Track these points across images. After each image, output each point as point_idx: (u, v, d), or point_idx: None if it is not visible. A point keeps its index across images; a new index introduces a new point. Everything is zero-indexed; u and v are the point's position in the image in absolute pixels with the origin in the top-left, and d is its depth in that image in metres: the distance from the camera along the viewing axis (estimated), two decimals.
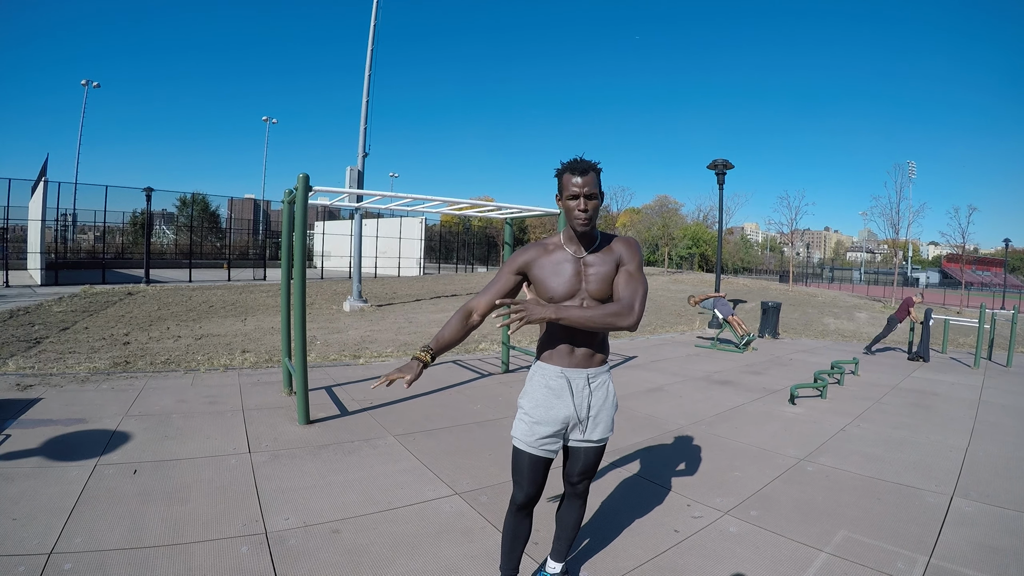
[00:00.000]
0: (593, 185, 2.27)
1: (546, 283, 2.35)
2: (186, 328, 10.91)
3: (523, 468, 2.39)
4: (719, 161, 15.07)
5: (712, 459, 4.74)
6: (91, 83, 38.26)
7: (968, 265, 51.60)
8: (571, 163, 2.30)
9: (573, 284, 2.34)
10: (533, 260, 2.39)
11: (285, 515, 3.43)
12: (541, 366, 2.44)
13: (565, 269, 2.35)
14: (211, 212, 40.13)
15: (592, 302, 2.33)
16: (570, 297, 2.33)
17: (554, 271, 2.35)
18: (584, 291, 2.34)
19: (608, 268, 2.35)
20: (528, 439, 2.36)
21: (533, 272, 2.39)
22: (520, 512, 2.45)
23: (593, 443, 2.46)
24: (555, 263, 2.37)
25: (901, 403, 6.98)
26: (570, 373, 2.38)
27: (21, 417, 4.95)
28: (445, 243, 46.62)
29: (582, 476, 2.54)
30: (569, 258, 2.37)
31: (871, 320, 19.46)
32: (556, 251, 2.39)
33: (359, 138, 16.18)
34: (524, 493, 2.40)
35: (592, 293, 2.33)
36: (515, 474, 2.42)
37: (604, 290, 2.34)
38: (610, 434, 2.50)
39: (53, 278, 18.64)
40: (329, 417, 5.46)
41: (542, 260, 2.38)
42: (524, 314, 2.10)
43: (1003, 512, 3.80)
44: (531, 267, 2.39)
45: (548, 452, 2.39)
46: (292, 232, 5.90)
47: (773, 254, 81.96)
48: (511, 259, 2.44)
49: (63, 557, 2.81)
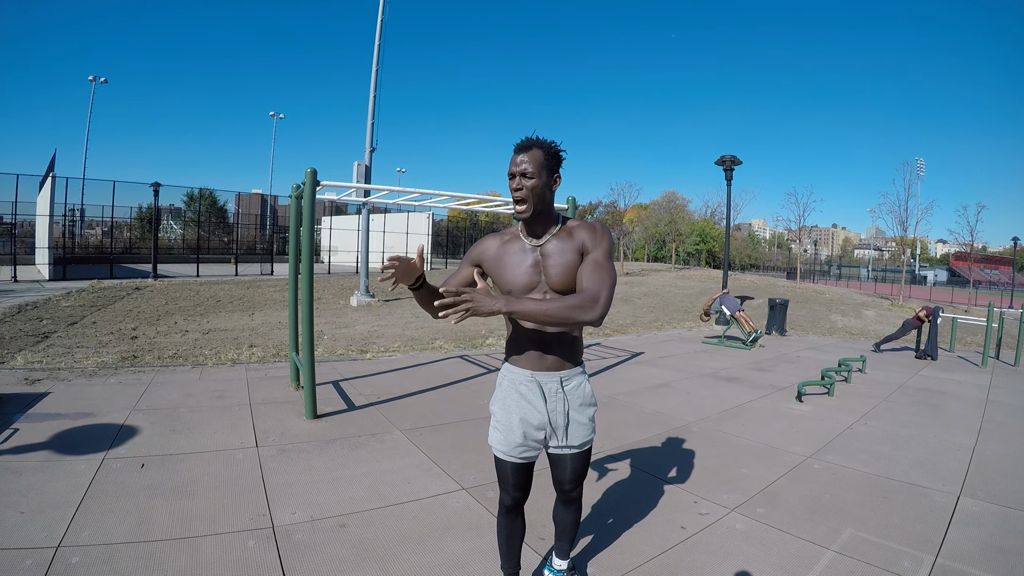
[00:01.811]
0: (533, 164, 2.08)
1: (502, 275, 2.19)
2: (193, 323, 10.96)
3: (506, 475, 2.32)
4: (727, 157, 15.00)
5: (719, 456, 4.73)
6: (98, 79, 38.48)
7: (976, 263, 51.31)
8: (518, 142, 2.15)
9: (531, 276, 2.16)
10: (487, 251, 2.24)
11: (292, 509, 3.44)
12: (510, 369, 2.30)
13: (522, 260, 2.18)
14: (218, 207, 40.29)
15: (554, 295, 2.14)
16: (529, 290, 2.16)
17: (510, 262, 2.19)
18: (544, 283, 2.16)
19: (570, 257, 2.14)
20: (505, 447, 2.27)
21: (488, 264, 2.24)
22: (510, 513, 2.40)
23: (575, 449, 2.35)
24: (511, 254, 2.20)
25: (909, 401, 6.95)
26: (541, 377, 2.25)
27: (29, 411, 4.98)
28: (452, 238, 46.61)
29: (571, 483, 2.43)
30: (526, 247, 2.20)
31: (879, 318, 19.37)
32: (513, 241, 2.23)
33: (366, 133, 16.21)
34: (511, 497, 2.35)
35: (553, 285, 2.15)
36: (500, 481, 2.36)
37: (566, 281, 2.13)
38: (592, 436, 2.38)
39: (61, 273, 18.75)
40: (336, 411, 5.48)
41: (497, 251, 2.23)
42: (470, 305, 1.85)
43: (1010, 512, 3.78)
44: (484, 259, 2.24)
45: (528, 458, 2.30)
46: (300, 227, 5.91)
47: (781, 251, 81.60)
48: (469, 253, 2.31)
49: (71, 550, 2.83)
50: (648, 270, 38.18)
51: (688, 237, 57.76)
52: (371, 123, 16.22)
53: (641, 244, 57.27)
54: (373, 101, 16.31)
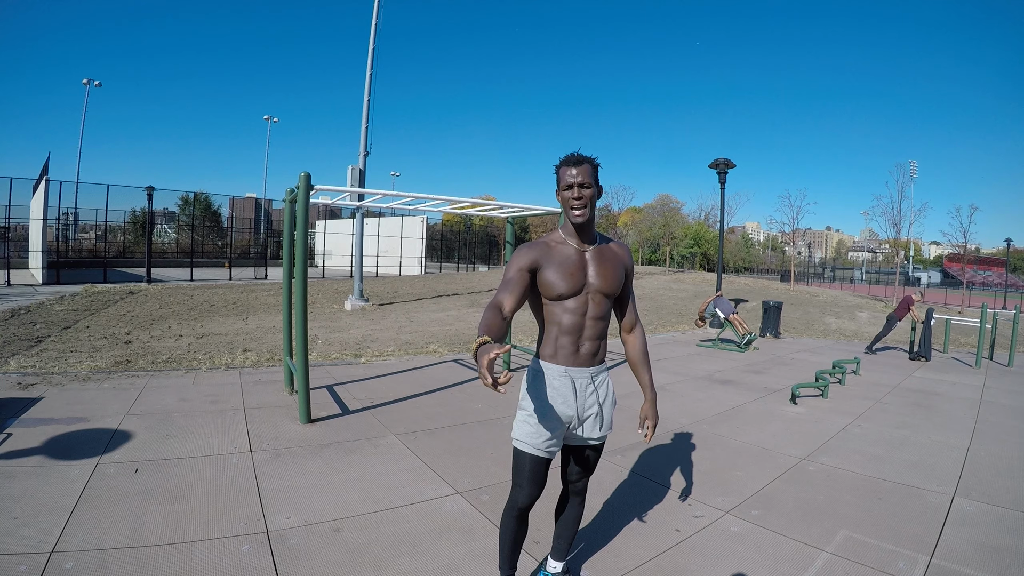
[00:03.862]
0: (587, 175, 2.28)
1: (553, 280, 2.32)
2: (187, 327, 10.92)
3: (525, 470, 2.37)
4: (721, 160, 15.05)
5: (713, 458, 4.74)
6: (93, 82, 38.24)
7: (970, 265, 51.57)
8: (567, 157, 2.32)
9: (579, 279, 2.34)
10: (540, 257, 2.34)
11: (286, 514, 3.43)
12: (544, 365, 2.41)
13: (570, 264, 2.34)
14: (213, 211, 40.21)
15: (598, 296, 2.35)
16: (577, 292, 2.33)
17: (560, 267, 2.32)
18: (590, 285, 2.35)
19: (615, 268, 2.40)
20: (533, 441, 2.34)
21: (542, 270, 2.33)
22: (522, 514, 2.43)
23: (594, 441, 2.47)
24: (561, 259, 2.34)
25: (902, 403, 6.98)
26: (574, 372, 2.37)
27: (22, 416, 4.96)
28: (446, 242, 46.61)
29: (582, 474, 2.56)
30: (573, 252, 2.36)
31: (872, 320, 19.44)
32: (559, 246, 2.38)
33: (360, 137, 16.18)
34: (527, 494, 2.38)
35: (599, 288, 2.35)
36: (517, 476, 2.40)
37: (611, 286, 2.37)
38: (609, 432, 2.51)
39: (54, 277, 18.64)
40: (330, 416, 5.47)
41: (547, 257, 2.34)
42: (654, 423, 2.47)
43: (1004, 512, 3.80)
44: (540, 265, 2.33)
45: (551, 453, 2.39)
46: (294, 231, 5.90)
47: (775, 253, 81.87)
48: (518, 256, 2.35)
49: (64, 556, 2.81)
50: (642, 273, 38.22)
51: (682, 240, 57.83)
52: (365, 127, 16.21)
53: (635, 247, 57.28)
54: (367, 105, 16.30)
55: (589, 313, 2.36)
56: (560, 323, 2.36)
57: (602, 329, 2.41)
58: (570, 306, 2.34)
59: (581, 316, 2.35)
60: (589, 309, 2.36)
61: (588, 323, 2.36)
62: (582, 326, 2.36)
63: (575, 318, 2.34)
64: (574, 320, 2.35)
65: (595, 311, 2.36)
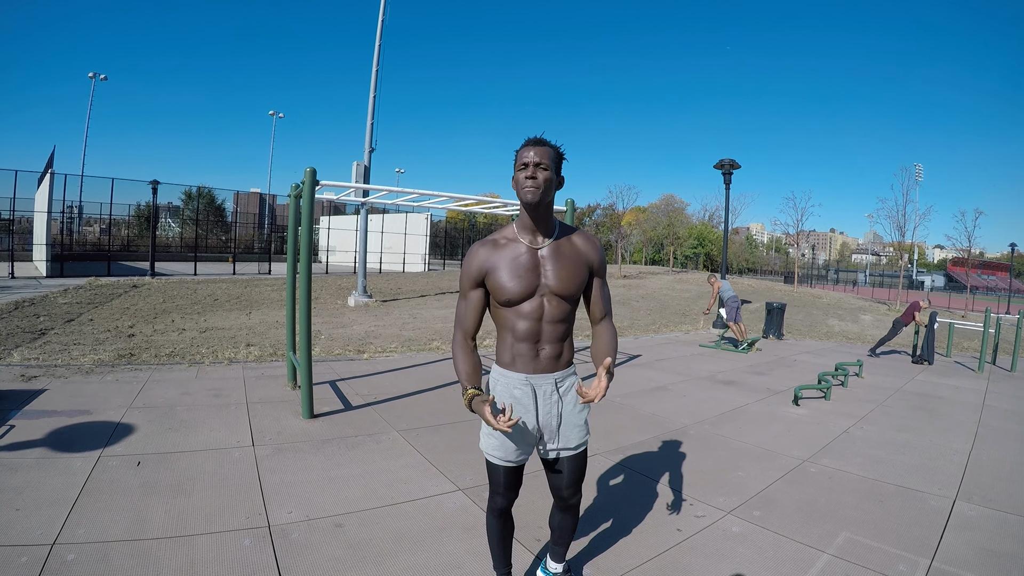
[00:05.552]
0: (546, 157, 2.08)
1: (502, 283, 2.15)
2: (191, 321, 10.94)
3: (499, 479, 2.32)
4: (726, 161, 15.04)
5: (715, 459, 4.74)
6: (98, 76, 38.38)
7: (974, 269, 51.42)
8: (528, 139, 2.14)
9: (530, 280, 2.15)
10: (487, 260, 2.18)
11: (288, 509, 3.43)
12: (504, 373, 2.26)
13: (520, 263, 2.16)
14: (217, 206, 40.24)
15: (554, 299, 2.17)
16: (529, 294, 2.16)
17: (508, 268, 2.15)
18: (544, 287, 2.17)
19: (575, 267, 2.20)
20: (501, 453, 2.25)
21: (491, 273, 2.17)
22: (502, 515, 2.41)
23: (571, 450, 2.33)
24: (510, 259, 2.17)
25: (905, 406, 6.96)
26: (536, 380, 2.23)
27: (25, 408, 4.97)
28: (450, 239, 46.58)
29: (571, 487, 2.39)
30: (524, 250, 2.18)
31: (876, 322, 19.40)
32: (508, 245, 2.19)
33: (366, 133, 16.21)
34: (504, 498, 2.35)
35: (555, 289, 2.17)
36: (492, 484, 2.35)
37: (569, 287, 2.18)
38: (587, 437, 2.38)
39: (58, 270, 18.69)
40: (333, 411, 5.48)
41: (494, 259, 2.18)
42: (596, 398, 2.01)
43: (1006, 517, 3.79)
44: (488, 268, 2.18)
45: (521, 461, 2.31)
46: (298, 226, 5.90)
47: (778, 255, 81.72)
48: (465, 270, 2.23)
49: (66, 548, 2.82)
50: (646, 273, 38.19)
51: (686, 240, 57.78)
52: (371, 123, 16.22)
53: (639, 247, 57.26)
54: (373, 101, 16.31)
55: (546, 317, 2.18)
56: (514, 329, 2.20)
57: (563, 331, 2.24)
58: (524, 310, 2.17)
59: (537, 321, 2.18)
60: (545, 313, 2.18)
61: (545, 328, 2.19)
62: (539, 331, 2.19)
63: (530, 323, 2.17)
64: (529, 325, 2.18)
65: (553, 314, 2.19)
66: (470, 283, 2.22)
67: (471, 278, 2.22)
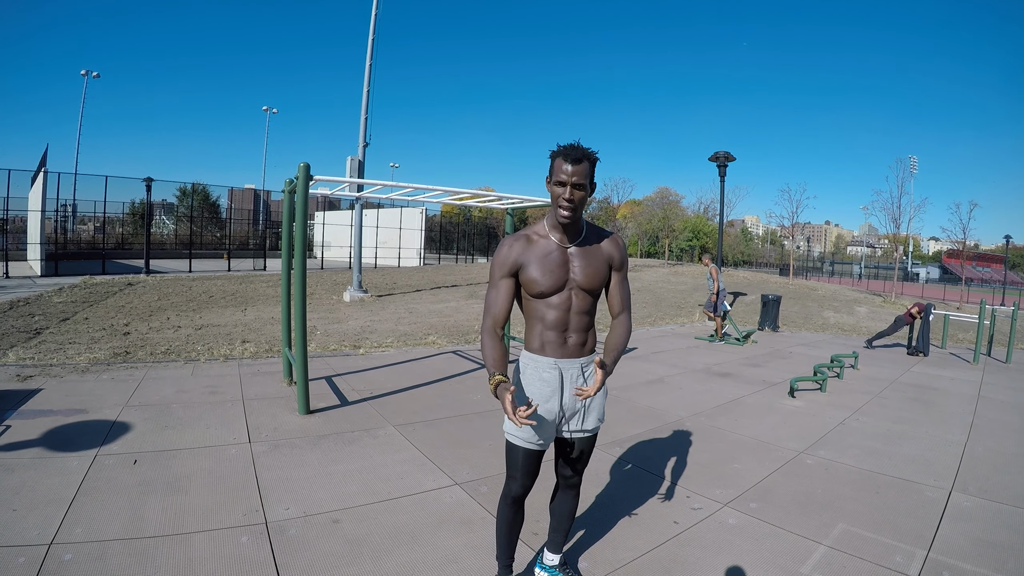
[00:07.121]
0: (583, 176, 2.18)
1: (535, 278, 2.30)
2: (186, 318, 10.91)
3: (518, 462, 2.38)
4: (721, 153, 15.05)
5: (712, 451, 4.75)
6: (91, 73, 38.10)
7: (968, 261, 51.51)
8: (566, 148, 2.21)
9: (560, 275, 2.31)
10: (521, 255, 2.32)
11: (285, 505, 3.43)
12: (533, 358, 2.39)
13: (552, 259, 2.31)
14: (211, 202, 40.00)
15: (580, 293, 2.33)
16: (559, 288, 2.31)
17: (541, 263, 2.30)
18: (572, 281, 2.33)
19: (599, 264, 2.36)
20: (525, 434, 2.33)
21: (524, 267, 2.31)
22: (516, 504, 2.46)
23: (587, 432, 2.46)
24: (542, 255, 2.31)
25: (901, 397, 6.99)
26: (563, 364, 2.36)
27: (21, 408, 4.95)
28: (445, 233, 46.49)
29: (577, 466, 2.54)
30: (555, 247, 2.33)
31: (871, 314, 19.46)
32: (541, 241, 2.35)
33: (360, 128, 16.12)
34: (521, 485, 2.41)
35: (581, 284, 2.33)
36: (510, 468, 2.42)
37: (594, 283, 2.34)
38: (601, 423, 2.51)
39: (53, 269, 18.58)
40: (329, 407, 5.47)
41: (528, 254, 2.32)
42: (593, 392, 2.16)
43: (1001, 507, 3.81)
44: (521, 263, 2.32)
45: (543, 445, 2.39)
46: (293, 222, 5.88)
47: (774, 247, 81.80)
48: (499, 260, 2.35)
49: (63, 547, 2.82)
50: (641, 266, 38.18)
51: (681, 233, 57.77)
52: (364, 118, 16.14)
53: (634, 240, 57.23)
54: (367, 96, 16.23)
55: (573, 308, 2.35)
56: (544, 319, 2.35)
57: (588, 321, 2.40)
58: (553, 302, 2.33)
59: (565, 312, 2.34)
60: (573, 304, 2.34)
61: (573, 318, 2.35)
62: (567, 321, 2.35)
63: (559, 313, 2.33)
64: (558, 315, 2.33)
65: (579, 306, 2.35)
66: (502, 273, 2.34)
67: (504, 269, 2.33)
